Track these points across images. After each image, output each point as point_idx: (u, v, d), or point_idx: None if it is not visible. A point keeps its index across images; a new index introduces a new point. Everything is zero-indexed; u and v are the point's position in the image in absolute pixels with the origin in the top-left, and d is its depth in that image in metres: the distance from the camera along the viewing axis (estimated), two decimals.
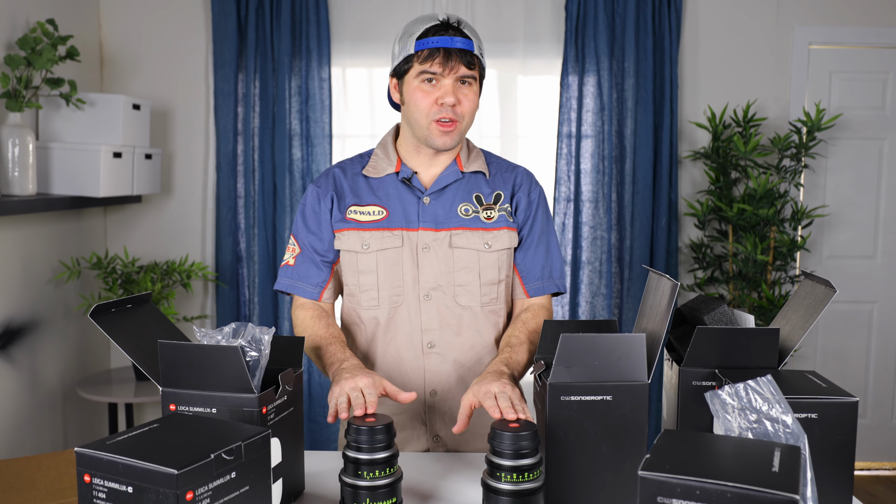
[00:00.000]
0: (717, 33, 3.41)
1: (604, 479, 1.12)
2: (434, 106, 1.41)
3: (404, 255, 1.46)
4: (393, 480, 1.09)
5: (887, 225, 3.55)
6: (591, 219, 3.34)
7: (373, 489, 1.07)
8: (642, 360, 1.11)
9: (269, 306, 3.34)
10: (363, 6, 3.36)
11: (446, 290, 1.47)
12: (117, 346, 1.12)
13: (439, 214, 1.48)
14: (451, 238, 1.47)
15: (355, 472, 1.08)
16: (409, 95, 1.44)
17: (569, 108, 3.32)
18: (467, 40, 1.40)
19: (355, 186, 1.51)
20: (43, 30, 2.60)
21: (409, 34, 1.43)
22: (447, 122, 1.41)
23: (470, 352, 1.49)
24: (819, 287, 1.20)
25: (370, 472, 1.07)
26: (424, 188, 1.49)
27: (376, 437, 1.08)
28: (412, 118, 1.45)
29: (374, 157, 1.54)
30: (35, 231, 2.80)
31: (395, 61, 1.46)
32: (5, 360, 2.62)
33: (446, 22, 1.41)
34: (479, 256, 1.47)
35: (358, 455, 1.08)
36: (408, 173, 1.49)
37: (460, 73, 1.40)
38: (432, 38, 1.39)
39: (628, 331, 3.31)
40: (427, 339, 1.47)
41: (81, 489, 0.87)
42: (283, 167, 3.27)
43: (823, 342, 3.59)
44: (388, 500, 1.09)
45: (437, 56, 1.38)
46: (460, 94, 1.41)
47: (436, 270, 1.46)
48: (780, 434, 0.82)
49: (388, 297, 1.47)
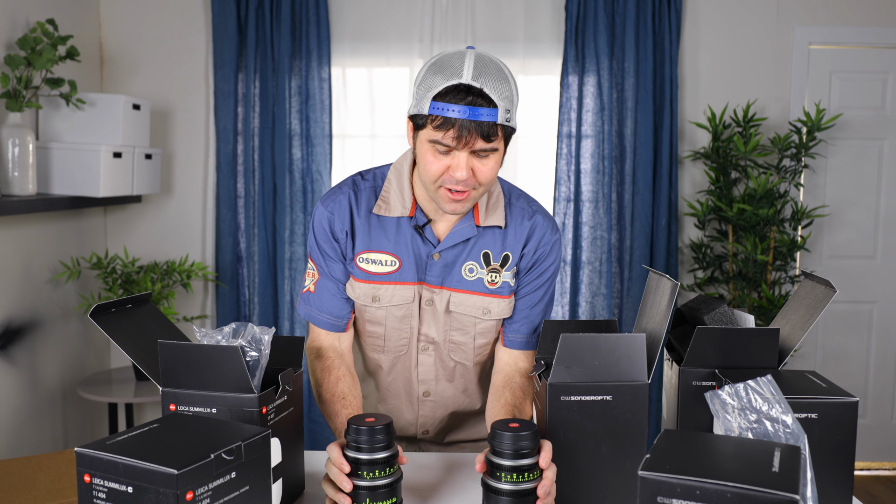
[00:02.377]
0: (717, 33, 3.41)
1: (604, 479, 1.12)
2: (445, 174, 1.24)
3: (413, 309, 1.41)
4: (393, 480, 1.09)
5: (887, 225, 3.55)
6: (591, 219, 3.34)
7: (373, 489, 1.07)
8: (642, 360, 1.11)
9: (269, 306, 3.34)
10: (363, 6, 3.36)
11: (442, 346, 1.44)
12: (117, 346, 1.12)
13: (444, 273, 1.39)
14: (451, 298, 1.39)
15: (355, 472, 1.08)
16: (421, 154, 1.26)
17: (569, 108, 3.32)
18: (491, 110, 1.18)
19: (367, 226, 1.38)
20: (43, 30, 2.60)
21: (427, 86, 1.21)
22: (458, 192, 1.25)
23: (462, 396, 1.52)
24: (819, 287, 1.20)
25: (370, 472, 1.07)
26: (437, 241, 1.37)
27: (376, 437, 1.08)
28: (422, 177, 1.29)
29: (387, 188, 1.39)
30: (35, 231, 2.80)
31: (412, 109, 1.26)
32: (5, 360, 2.62)
33: (468, 85, 1.18)
34: (475, 322, 1.42)
35: (358, 455, 1.08)
36: (421, 221, 1.36)
37: (477, 148, 1.20)
38: (448, 105, 1.18)
39: (628, 331, 3.31)
40: (423, 388, 1.49)
41: (81, 489, 0.87)
42: (283, 167, 3.27)
43: (823, 342, 3.59)
44: (388, 499, 1.09)
45: (449, 129, 1.19)
46: (476, 164, 1.23)
47: (434, 326, 1.43)
48: (780, 434, 0.82)
49: (393, 347, 1.45)
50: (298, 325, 3.34)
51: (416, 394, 1.49)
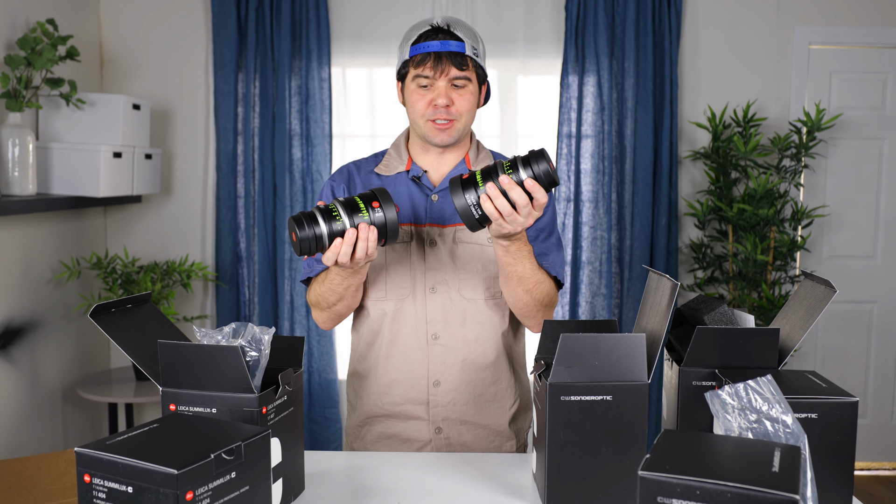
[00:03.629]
0: (717, 33, 3.41)
1: (604, 479, 1.12)
2: (429, 108, 1.47)
3: (412, 250, 1.51)
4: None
5: (887, 225, 3.55)
6: (591, 219, 3.34)
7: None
8: (642, 360, 1.11)
9: (269, 306, 3.34)
10: (363, 6, 3.36)
11: (451, 283, 1.51)
12: (117, 346, 1.12)
13: (445, 211, 1.52)
14: (456, 233, 1.51)
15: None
16: (408, 98, 1.51)
17: (569, 108, 3.32)
18: (459, 42, 1.46)
19: (368, 183, 1.57)
20: (43, 30, 2.60)
21: (406, 40, 1.50)
22: (443, 122, 1.47)
23: (474, 344, 1.52)
24: (819, 287, 1.20)
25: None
26: (433, 186, 1.55)
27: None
28: (411, 118, 1.52)
29: (388, 156, 1.60)
30: (35, 231, 2.80)
31: (397, 66, 1.54)
32: (5, 360, 2.62)
33: (437, 27, 1.47)
34: (482, 251, 1.51)
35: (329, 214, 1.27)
36: (417, 172, 1.55)
37: (452, 75, 1.45)
38: (424, 44, 1.45)
39: (628, 331, 3.31)
40: (432, 330, 1.51)
41: (81, 489, 0.88)
42: (283, 167, 3.27)
43: (823, 342, 3.59)
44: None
45: (427, 61, 1.45)
46: (454, 95, 1.47)
47: (441, 265, 1.51)
48: (780, 434, 0.82)
49: (395, 289, 1.52)
50: (298, 325, 3.34)
51: (425, 337, 1.51)
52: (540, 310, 1.48)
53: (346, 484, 1.26)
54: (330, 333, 3.34)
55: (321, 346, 3.33)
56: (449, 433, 1.54)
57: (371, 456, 1.41)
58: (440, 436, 1.54)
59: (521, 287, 1.42)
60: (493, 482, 1.26)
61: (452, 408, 1.53)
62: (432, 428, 1.53)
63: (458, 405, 1.53)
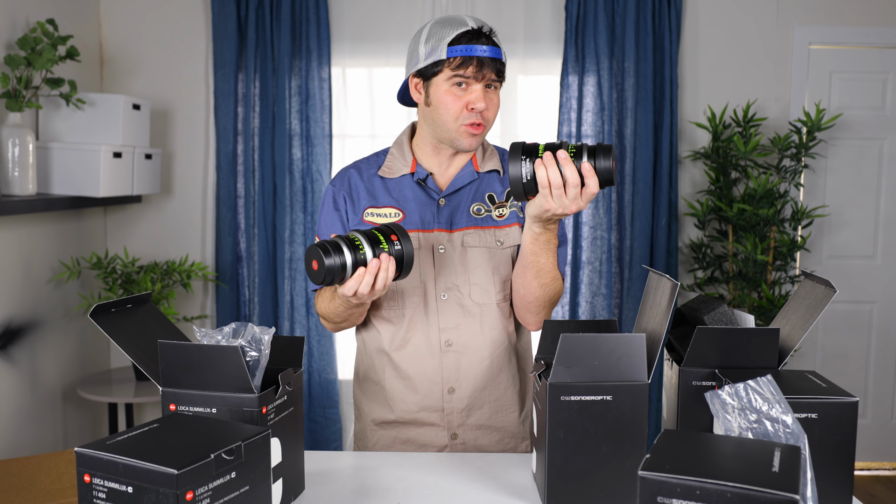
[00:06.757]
0: (716, 33, 3.41)
1: (604, 479, 1.12)
2: (464, 110, 1.43)
3: (421, 257, 1.49)
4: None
5: (887, 225, 3.55)
6: (591, 219, 3.34)
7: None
8: (642, 360, 1.11)
9: (269, 306, 3.34)
10: (363, 6, 3.36)
11: (462, 288, 1.49)
12: (117, 346, 1.12)
13: (453, 216, 1.51)
14: (464, 238, 1.50)
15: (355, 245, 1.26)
16: (438, 98, 1.45)
17: (569, 108, 3.32)
18: (497, 49, 1.43)
19: (371, 187, 1.54)
20: (43, 30, 2.60)
21: (439, 38, 1.43)
22: (477, 125, 1.44)
23: (488, 349, 1.51)
24: (819, 287, 1.20)
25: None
26: (440, 189, 1.52)
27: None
28: (439, 120, 1.46)
29: (390, 156, 1.56)
30: (35, 231, 2.80)
31: (421, 63, 1.46)
32: (5, 360, 2.62)
33: (479, 31, 1.42)
34: (491, 254, 1.50)
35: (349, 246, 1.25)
36: (422, 175, 1.52)
37: (490, 80, 1.43)
38: (466, 46, 1.40)
39: (628, 331, 3.31)
40: (445, 337, 1.49)
41: (81, 489, 0.88)
42: (283, 167, 3.27)
43: (823, 342, 3.59)
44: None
45: (470, 64, 1.41)
46: (488, 100, 1.44)
47: (451, 270, 1.50)
48: (780, 434, 0.82)
49: (406, 298, 1.50)
50: (298, 325, 3.34)
51: (438, 344, 1.49)
52: (546, 306, 1.48)
53: (346, 484, 1.26)
54: (331, 334, 3.34)
55: (321, 346, 3.33)
56: (465, 438, 1.53)
57: (371, 456, 1.41)
58: (456, 441, 1.53)
59: (537, 280, 1.42)
60: (493, 482, 1.26)
61: (468, 414, 1.52)
62: (448, 434, 1.52)
63: (474, 411, 1.52)
